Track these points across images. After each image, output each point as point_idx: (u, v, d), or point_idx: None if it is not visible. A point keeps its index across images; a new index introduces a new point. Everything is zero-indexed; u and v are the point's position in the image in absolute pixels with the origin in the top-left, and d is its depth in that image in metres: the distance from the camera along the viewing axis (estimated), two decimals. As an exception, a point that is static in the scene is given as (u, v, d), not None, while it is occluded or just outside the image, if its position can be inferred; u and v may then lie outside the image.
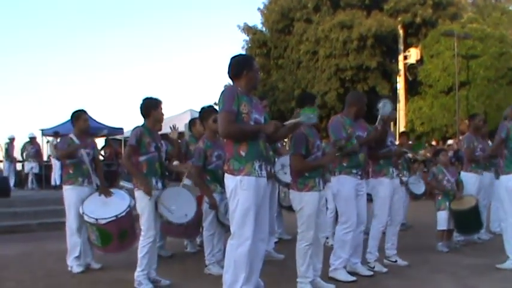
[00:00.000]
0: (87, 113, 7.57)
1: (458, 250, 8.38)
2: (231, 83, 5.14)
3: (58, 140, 18.37)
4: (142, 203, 6.13)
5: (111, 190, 7.38)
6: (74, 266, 7.17)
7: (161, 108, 6.44)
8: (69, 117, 7.65)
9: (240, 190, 4.81)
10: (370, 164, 7.04)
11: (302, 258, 5.75)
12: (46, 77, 53.48)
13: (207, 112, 7.00)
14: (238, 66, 5.06)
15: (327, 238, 8.22)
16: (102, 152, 21.39)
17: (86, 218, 6.90)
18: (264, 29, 31.92)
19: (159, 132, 6.53)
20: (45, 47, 54.33)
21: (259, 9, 32.09)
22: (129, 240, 7.05)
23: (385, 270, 6.89)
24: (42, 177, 20.79)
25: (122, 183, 9.31)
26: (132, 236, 7.02)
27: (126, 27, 57.80)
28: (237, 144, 4.90)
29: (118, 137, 23.50)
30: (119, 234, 6.94)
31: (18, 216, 12.43)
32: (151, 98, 6.42)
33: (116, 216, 6.79)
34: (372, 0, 28.94)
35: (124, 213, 6.84)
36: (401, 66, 30.34)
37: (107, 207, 6.95)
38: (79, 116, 7.45)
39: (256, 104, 5.09)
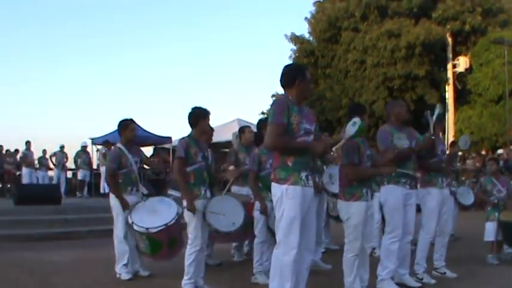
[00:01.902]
0: (134, 122, 7.65)
1: (510, 263, 8.20)
2: (279, 92, 5.16)
3: (108, 149, 18.72)
4: (190, 212, 6.18)
5: (159, 198, 7.45)
6: (122, 273, 7.26)
7: (208, 119, 6.49)
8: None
9: (286, 199, 4.80)
10: (419, 173, 6.94)
11: (349, 268, 5.73)
12: (96, 86, 54.36)
13: (266, 121, 7.01)
14: (290, 75, 5.03)
15: (374, 249, 8.17)
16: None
17: (135, 227, 6.95)
18: (311, 38, 31.87)
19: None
20: (96, 56, 55.26)
21: (306, 18, 32.11)
22: (177, 247, 7.11)
23: (433, 281, 6.81)
24: (92, 185, 21.15)
25: (170, 191, 9.39)
26: (180, 243, 7.08)
27: (173, 38, 58.37)
28: (284, 155, 4.90)
29: (166, 145, 23.71)
30: (168, 241, 7.01)
31: (69, 223, 12.66)
32: (199, 108, 6.48)
33: (166, 224, 6.83)
34: (420, 8, 28.63)
35: (173, 221, 6.86)
36: (450, 74, 29.87)
37: (156, 216, 7.00)
38: (126, 125, 7.54)
39: (307, 114, 5.06)
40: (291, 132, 4.85)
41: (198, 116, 6.45)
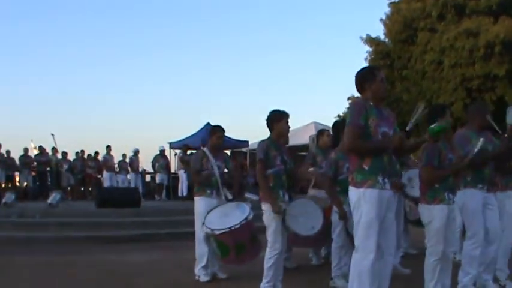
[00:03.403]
0: (223, 131, 7.76)
1: None
2: (355, 95, 5.17)
3: (188, 153, 19.03)
4: (270, 216, 6.19)
5: (236, 203, 7.51)
6: (201, 275, 7.36)
7: (286, 122, 6.49)
8: (196, 130, 7.88)
9: (363, 203, 4.77)
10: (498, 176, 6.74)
11: (431, 273, 5.62)
12: (174, 89, 55.28)
13: (342, 124, 6.97)
14: (361, 80, 5.03)
15: (455, 253, 7.98)
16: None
17: (204, 228, 7.05)
18: (386, 39, 31.44)
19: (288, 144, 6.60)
20: (174, 60, 56.16)
21: (381, 20, 31.70)
22: (247, 255, 7.08)
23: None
24: (170, 188, 21.53)
25: (246, 195, 9.47)
26: (250, 250, 7.05)
27: (249, 42, 58.77)
28: (361, 158, 4.86)
29: (243, 149, 23.88)
30: (235, 246, 6.96)
31: (148, 225, 12.94)
32: (277, 111, 6.50)
33: (230, 228, 6.81)
34: (500, 6, 27.79)
35: (238, 226, 6.83)
36: (531, 74, 28.92)
37: (226, 219, 7.03)
38: (214, 131, 7.67)
39: (387, 116, 5.02)
40: (368, 136, 4.82)
41: (274, 120, 6.47)
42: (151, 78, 54.70)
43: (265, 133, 6.56)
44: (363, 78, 5.03)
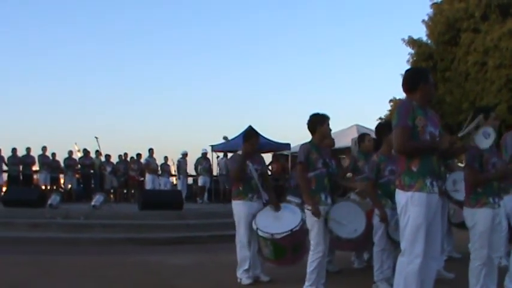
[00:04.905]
0: (257, 136, 7.78)
1: None
2: (397, 97, 5.11)
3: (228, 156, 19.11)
4: (312, 218, 6.21)
5: (282, 204, 7.52)
6: (243, 278, 7.38)
7: (328, 124, 6.49)
8: (237, 133, 7.91)
9: (411, 206, 4.71)
10: None
11: (475, 278, 5.55)
12: (216, 93, 55.62)
13: (385, 127, 6.94)
14: (413, 79, 4.98)
15: (501, 258, 7.85)
16: (270, 167, 21.91)
17: (260, 233, 7.06)
18: (429, 41, 31.09)
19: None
20: (217, 63, 56.55)
21: (423, 21, 31.36)
22: (301, 253, 7.14)
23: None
24: (212, 191, 21.63)
25: (288, 197, 9.46)
26: (303, 249, 7.10)
27: (291, 45, 58.81)
28: (409, 160, 4.82)
29: (285, 152, 23.86)
30: (292, 247, 7.07)
31: (190, 228, 13.06)
32: (318, 114, 6.50)
33: (291, 230, 6.89)
34: (546, 5, 27.31)
35: (298, 228, 6.91)
36: None
37: (280, 222, 7.09)
38: (248, 137, 7.68)
39: (432, 117, 4.96)
40: (416, 136, 4.77)
41: (316, 123, 6.48)
42: (194, 80, 55.08)
43: (307, 136, 6.57)
44: (417, 78, 4.97)
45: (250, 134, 7.75)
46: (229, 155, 18.46)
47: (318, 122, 6.45)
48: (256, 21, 57.02)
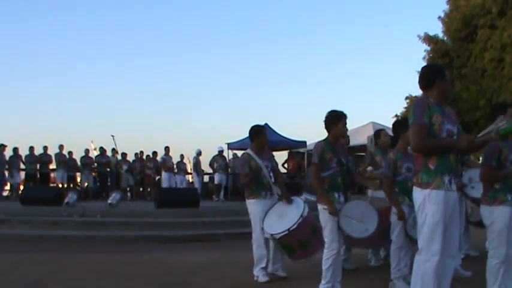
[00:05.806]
0: (264, 133, 7.77)
1: None
2: (413, 94, 5.07)
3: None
4: (325, 216, 6.20)
5: (292, 198, 7.52)
6: (260, 275, 7.38)
7: (344, 123, 6.45)
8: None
9: (429, 204, 4.69)
10: None
11: (493, 276, 5.50)
12: (233, 90, 55.81)
13: (402, 124, 6.90)
14: (430, 76, 4.94)
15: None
16: (286, 165, 21.87)
17: (265, 234, 7.19)
18: (445, 38, 30.89)
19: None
20: (234, 61, 56.64)
21: (439, 17, 31.17)
22: (312, 247, 7.17)
23: None
24: (228, 189, 21.65)
25: (304, 195, 9.45)
26: (314, 243, 7.13)
27: (307, 41, 58.76)
28: (426, 158, 4.79)
29: (301, 149, 23.84)
30: (298, 244, 7.13)
31: (206, 225, 13.07)
32: (334, 112, 6.47)
33: (288, 229, 6.94)
34: None
35: (295, 226, 6.95)
36: None
37: (283, 220, 7.14)
38: (257, 133, 7.69)
39: (449, 114, 4.92)
40: (433, 134, 4.74)
41: (332, 121, 6.44)
42: (211, 78, 55.25)
43: (324, 133, 6.55)
44: (433, 75, 4.93)
45: (256, 132, 7.72)
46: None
47: (334, 121, 6.41)
48: (275, 19, 57.01)
